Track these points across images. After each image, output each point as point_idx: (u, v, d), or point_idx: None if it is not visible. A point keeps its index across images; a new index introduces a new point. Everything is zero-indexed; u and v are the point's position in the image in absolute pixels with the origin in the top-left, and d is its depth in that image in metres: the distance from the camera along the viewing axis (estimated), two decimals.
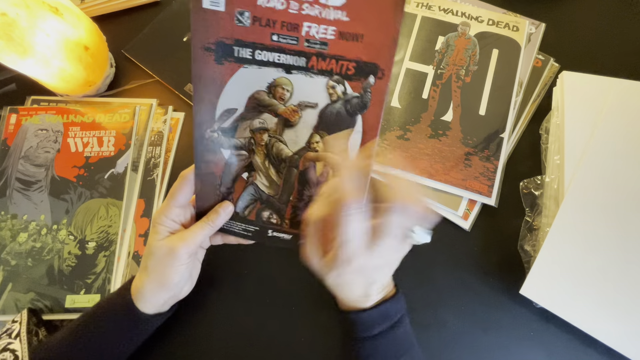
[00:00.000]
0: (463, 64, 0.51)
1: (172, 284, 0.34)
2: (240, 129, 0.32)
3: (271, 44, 0.28)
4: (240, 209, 0.35)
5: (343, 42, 0.28)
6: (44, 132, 0.48)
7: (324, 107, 0.31)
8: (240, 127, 0.32)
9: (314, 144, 0.32)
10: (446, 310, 0.42)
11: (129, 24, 0.57)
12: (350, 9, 0.27)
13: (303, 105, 0.31)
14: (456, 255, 0.44)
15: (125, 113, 0.50)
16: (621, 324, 0.37)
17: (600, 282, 0.38)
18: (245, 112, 0.31)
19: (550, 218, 0.41)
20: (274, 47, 0.28)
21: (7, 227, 0.44)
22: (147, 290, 0.34)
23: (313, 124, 0.32)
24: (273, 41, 0.28)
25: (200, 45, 0.28)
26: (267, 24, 0.27)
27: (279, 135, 0.32)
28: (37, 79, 0.47)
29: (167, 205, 0.33)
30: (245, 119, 0.32)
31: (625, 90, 0.44)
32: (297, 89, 0.30)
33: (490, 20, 0.53)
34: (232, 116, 0.31)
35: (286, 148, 0.33)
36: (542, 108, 0.50)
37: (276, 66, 0.29)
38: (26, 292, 0.42)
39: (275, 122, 0.32)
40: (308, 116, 0.31)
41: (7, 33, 0.38)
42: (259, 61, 0.29)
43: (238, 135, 0.32)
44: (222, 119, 0.31)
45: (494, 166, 0.46)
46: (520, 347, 0.40)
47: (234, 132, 0.32)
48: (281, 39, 0.28)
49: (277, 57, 0.29)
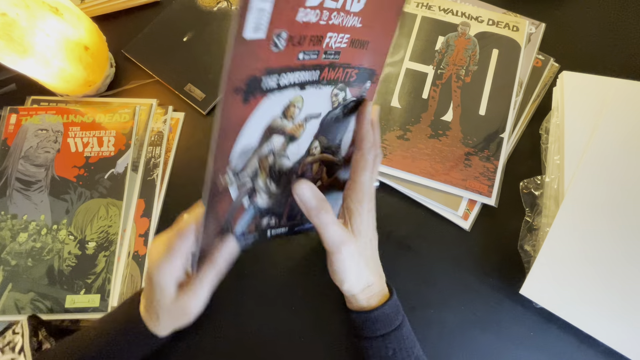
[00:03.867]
0: (463, 64, 0.51)
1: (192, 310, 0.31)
2: (250, 162, 0.28)
3: (296, 63, 0.25)
4: (239, 234, 0.31)
5: (352, 49, 0.27)
6: (44, 132, 0.48)
7: (326, 115, 0.30)
8: (251, 160, 0.27)
9: (313, 149, 0.32)
10: (446, 310, 0.42)
11: (129, 24, 0.57)
12: (365, 15, 0.25)
13: (309, 117, 0.30)
14: (456, 255, 0.44)
15: (125, 113, 0.50)
16: (621, 324, 0.37)
17: (600, 282, 0.38)
18: (259, 145, 0.27)
19: (550, 218, 0.41)
20: (297, 67, 0.25)
21: (7, 227, 0.44)
22: (161, 328, 0.33)
23: (314, 132, 0.31)
24: (298, 60, 0.25)
25: (232, 88, 0.21)
26: (299, 42, 0.23)
27: (283, 151, 0.30)
28: (37, 79, 0.47)
29: (169, 261, 0.29)
30: (256, 151, 0.27)
31: (625, 90, 0.44)
32: (306, 103, 0.28)
33: (490, 20, 0.53)
34: (247, 155, 0.27)
35: (288, 161, 0.31)
36: (542, 108, 0.50)
37: (294, 86, 0.26)
38: (26, 292, 0.42)
39: (282, 142, 0.29)
40: (311, 126, 0.30)
41: (7, 33, 0.38)
42: (282, 86, 0.25)
43: (247, 169, 0.28)
44: (237, 161, 0.26)
45: (494, 166, 0.46)
46: (520, 347, 0.40)
47: (243, 168, 0.27)
48: (305, 56, 0.25)
49: (298, 76, 0.26)
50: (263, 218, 0.33)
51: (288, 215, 0.35)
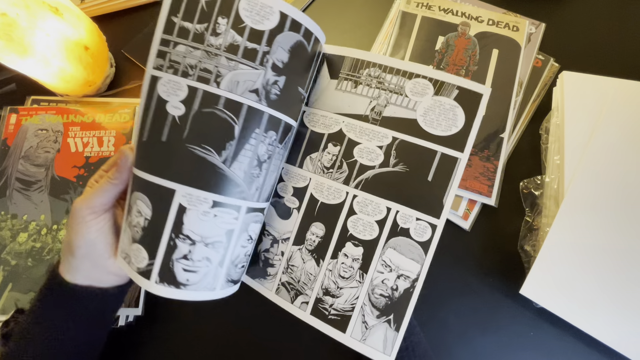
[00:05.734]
0: (463, 64, 0.51)
1: (76, 248, 0.31)
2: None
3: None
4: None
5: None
6: (44, 132, 0.48)
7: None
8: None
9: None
10: (446, 310, 0.42)
11: (129, 24, 0.57)
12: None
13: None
14: (456, 255, 0.44)
15: (125, 113, 0.50)
16: (621, 324, 0.37)
17: (600, 282, 0.38)
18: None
19: (550, 218, 0.41)
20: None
21: (7, 227, 0.44)
22: (63, 258, 0.32)
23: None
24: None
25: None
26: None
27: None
28: (37, 79, 0.47)
29: (87, 198, 0.31)
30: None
31: (625, 90, 0.44)
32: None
33: (490, 20, 0.53)
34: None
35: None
36: (542, 108, 0.50)
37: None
38: (26, 292, 0.42)
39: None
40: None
41: (7, 33, 0.38)
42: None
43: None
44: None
45: (494, 166, 0.46)
46: (520, 347, 0.40)
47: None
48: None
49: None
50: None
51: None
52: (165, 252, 0.29)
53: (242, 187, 0.30)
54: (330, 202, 0.34)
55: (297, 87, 0.33)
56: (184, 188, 0.29)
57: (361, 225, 0.33)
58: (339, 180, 0.34)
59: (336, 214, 0.34)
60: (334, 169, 0.35)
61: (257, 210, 0.33)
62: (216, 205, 0.30)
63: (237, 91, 0.30)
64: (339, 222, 0.34)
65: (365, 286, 0.33)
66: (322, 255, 0.34)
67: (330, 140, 0.35)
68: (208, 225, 0.30)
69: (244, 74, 0.30)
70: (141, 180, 0.30)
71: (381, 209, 0.33)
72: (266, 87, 0.30)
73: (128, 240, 0.31)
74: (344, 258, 0.33)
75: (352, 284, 0.33)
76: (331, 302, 0.33)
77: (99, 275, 0.32)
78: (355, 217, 0.33)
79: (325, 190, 0.35)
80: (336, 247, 0.34)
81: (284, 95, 0.31)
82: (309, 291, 0.34)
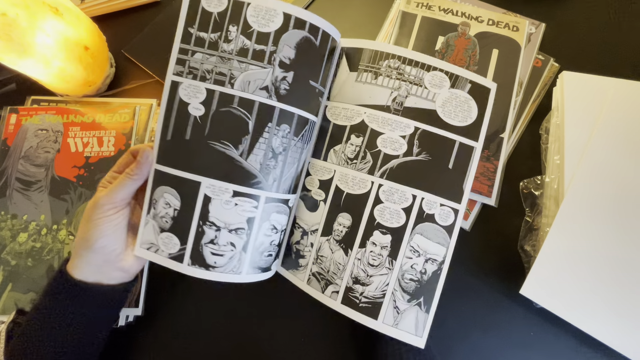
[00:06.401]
0: (463, 64, 0.51)
1: (94, 240, 0.32)
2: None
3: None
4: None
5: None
6: (44, 132, 0.48)
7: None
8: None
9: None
10: (446, 310, 0.42)
11: (129, 24, 0.57)
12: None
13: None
14: (456, 255, 0.44)
15: (125, 113, 0.50)
16: (621, 324, 0.37)
17: (600, 282, 0.38)
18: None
19: (550, 218, 0.41)
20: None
21: (7, 227, 0.44)
22: (74, 254, 0.33)
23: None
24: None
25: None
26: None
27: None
28: (37, 79, 0.47)
29: (108, 194, 0.33)
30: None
31: (625, 90, 0.44)
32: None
33: (490, 20, 0.53)
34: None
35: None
36: (542, 108, 0.50)
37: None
38: (26, 292, 0.42)
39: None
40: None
41: (7, 33, 0.38)
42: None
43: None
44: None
45: (494, 166, 0.46)
46: (520, 347, 0.40)
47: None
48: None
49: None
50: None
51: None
52: (195, 238, 0.33)
53: (259, 177, 0.33)
54: (355, 192, 0.35)
55: (309, 81, 0.35)
56: (208, 180, 0.32)
57: (388, 214, 0.34)
58: (363, 170, 0.35)
59: (362, 203, 0.35)
60: (357, 159, 0.36)
61: (279, 201, 0.35)
62: (236, 195, 0.33)
63: (249, 90, 0.32)
64: (366, 212, 0.35)
65: (395, 272, 0.34)
66: (350, 244, 0.35)
67: (352, 132, 0.36)
68: (230, 212, 0.33)
69: (254, 74, 0.33)
70: (168, 175, 0.33)
71: (407, 197, 0.34)
72: (275, 84, 0.33)
73: (154, 231, 0.34)
74: (372, 246, 0.34)
75: (382, 271, 0.34)
76: (361, 290, 0.34)
77: (109, 271, 0.33)
78: (382, 206, 0.34)
79: (350, 181, 0.36)
80: (364, 236, 0.35)
81: (294, 89, 0.34)
82: (338, 280, 0.35)
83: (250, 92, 0.32)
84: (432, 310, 0.33)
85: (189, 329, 0.42)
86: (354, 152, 0.36)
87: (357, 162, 0.36)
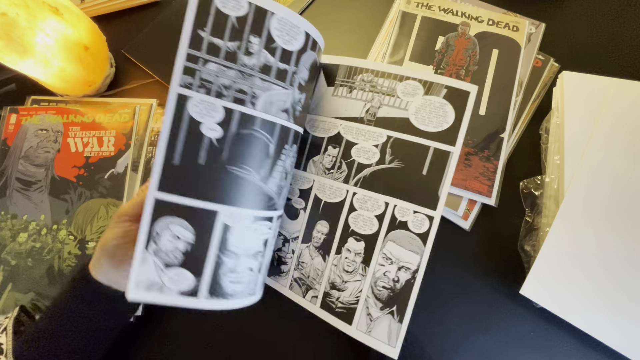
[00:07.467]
0: (463, 64, 0.51)
1: (109, 244, 0.32)
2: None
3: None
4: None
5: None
6: (44, 132, 0.48)
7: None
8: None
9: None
10: (446, 310, 0.42)
11: (129, 24, 0.57)
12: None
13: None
14: (456, 255, 0.44)
15: (125, 113, 0.50)
16: (621, 324, 0.37)
17: (600, 282, 0.38)
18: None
19: (550, 218, 0.41)
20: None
21: (7, 227, 0.44)
22: (94, 257, 0.34)
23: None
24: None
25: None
26: None
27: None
28: (37, 79, 0.47)
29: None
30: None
31: (625, 90, 0.44)
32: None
33: (490, 20, 0.53)
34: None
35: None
36: (542, 108, 0.50)
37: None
38: (26, 292, 0.42)
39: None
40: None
41: (7, 33, 0.38)
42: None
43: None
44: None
45: (494, 166, 0.46)
46: (520, 347, 0.40)
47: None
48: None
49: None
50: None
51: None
52: (214, 269, 0.29)
53: (274, 199, 0.32)
54: (332, 200, 0.36)
55: (309, 100, 0.36)
56: (227, 208, 0.29)
57: (361, 221, 0.35)
58: (339, 179, 0.36)
59: (338, 211, 0.36)
60: (334, 169, 0.36)
61: (281, 216, 0.35)
62: (256, 220, 0.31)
63: (271, 111, 0.30)
64: (341, 219, 0.35)
65: (368, 279, 0.34)
66: (328, 251, 0.36)
67: (330, 143, 0.37)
68: (250, 238, 0.31)
69: (277, 95, 0.31)
70: (174, 205, 0.28)
71: (380, 204, 0.34)
72: (294, 105, 0.32)
73: (156, 268, 0.29)
74: (347, 253, 0.35)
75: (356, 277, 0.34)
76: (337, 296, 0.35)
77: (117, 278, 0.34)
78: (356, 214, 0.35)
79: (327, 189, 0.36)
80: (339, 243, 0.35)
81: (304, 110, 0.34)
82: (317, 286, 0.36)
83: (273, 113, 0.30)
84: (405, 320, 0.32)
85: (188, 329, 0.42)
86: (331, 162, 0.37)
87: (334, 171, 0.36)
